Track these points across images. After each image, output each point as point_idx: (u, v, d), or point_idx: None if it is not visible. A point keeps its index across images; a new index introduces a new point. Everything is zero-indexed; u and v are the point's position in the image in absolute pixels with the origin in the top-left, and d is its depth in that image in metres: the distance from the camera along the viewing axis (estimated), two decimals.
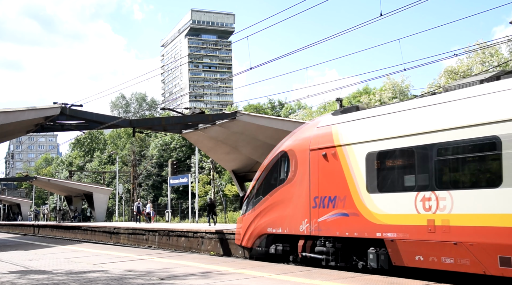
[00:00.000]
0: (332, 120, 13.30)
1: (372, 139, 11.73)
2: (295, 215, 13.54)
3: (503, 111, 9.36)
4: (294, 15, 16.98)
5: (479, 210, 9.47)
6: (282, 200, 14.11)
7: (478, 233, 9.41)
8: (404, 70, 38.40)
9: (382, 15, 15.30)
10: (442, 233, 10.04)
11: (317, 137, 13.34)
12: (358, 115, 12.59)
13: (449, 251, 9.90)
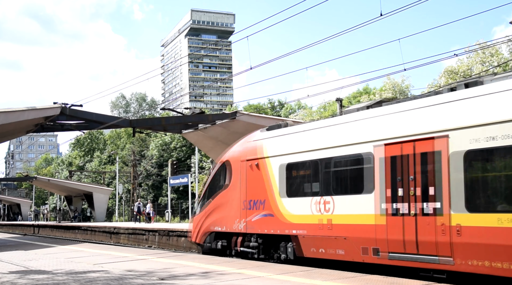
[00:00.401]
0: (260, 136, 15.75)
1: (283, 153, 14.32)
2: (231, 215, 15.90)
3: (373, 134, 11.79)
4: (294, 15, 17.00)
5: (350, 211, 12.12)
6: (222, 203, 16.43)
7: (350, 229, 12.05)
8: (404, 70, 38.41)
9: (382, 15, 15.31)
10: (327, 230, 12.68)
11: (248, 150, 15.74)
12: (278, 132, 15.08)
13: (332, 244, 12.52)
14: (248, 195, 15.34)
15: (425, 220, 10.39)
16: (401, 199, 10.94)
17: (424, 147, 10.60)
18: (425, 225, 10.35)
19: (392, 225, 11.02)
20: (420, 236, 10.44)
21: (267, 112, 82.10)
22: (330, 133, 13.08)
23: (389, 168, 11.28)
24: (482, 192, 9.77)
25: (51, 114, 24.57)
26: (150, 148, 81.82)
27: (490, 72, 42.37)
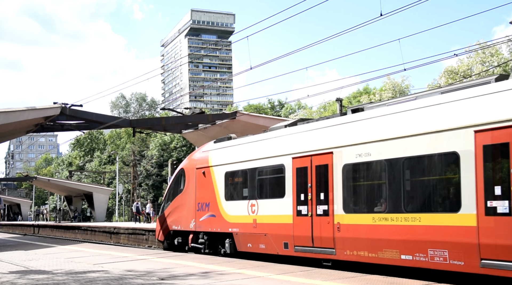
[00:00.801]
0: (209, 147, 18.34)
1: (224, 163, 16.85)
2: (186, 216, 18.32)
3: (285, 149, 14.52)
4: (294, 15, 17.00)
5: (272, 212, 14.70)
6: (179, 205, 18.86)
7: (268, 227, 14.69)
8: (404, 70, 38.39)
9: (382, 15, 15.30)
10: (253, 228, 15.19)
11: (199, 159, 18.29)
12: (221, 145, 17.63)
13: (257, 239, 15.08)
14: (198, 199, 17.81)
15: (320, 220, 13.11)
16: (303, 202, 13.66)
17: (318, 160, 13.34)
18: (320, 223, 13.08)
19: (297, 224, 13.73)
20: (315, 233, 13.19)
21: (267, 112, 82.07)
22: (256, 147, 15.84)
23: (295, 177, 13.98)
24: (353, 197, 12.52)
25: (51, 114, 24.58)
26: (150, 148, 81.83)
27: (490, 72, 42.41)
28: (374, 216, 11.68)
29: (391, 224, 11.28)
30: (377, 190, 12.00)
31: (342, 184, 12.53)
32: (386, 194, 11.59)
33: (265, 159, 15.18)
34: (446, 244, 10.17)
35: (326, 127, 13.47)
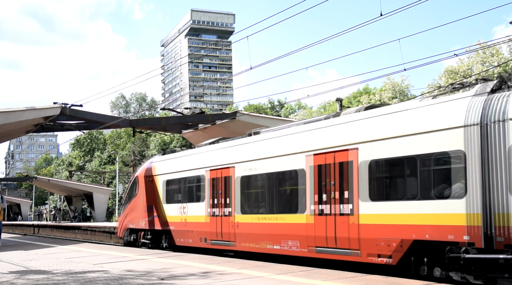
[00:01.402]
0: (156, 159, 22.38)
1: (165, 172, 20.40)
2: (138, 216, 21.95)
3: (204, 163, 18.04)
4: (294, 15, 16.99)
5: (195, 213, 18.03)
6: (134, 207, 22.51)
7: (194, 225, 18.14)
8: (404, 70, 38.40)
9: (382, 15, 15.28)
10: (186, 226, 18.60)
11: (148, 169, 21.85)
12: (164, 157, 21.71)
13: (187, 235, 18.52)
14: (147, 202, 21.36)
15: (225, 219, 16.48)
16: (215, 205, 17.04)
17: (224, 173, 16.97)
18: (225, 222, 16.46)
19: (212, 222, 17.18)
20: (223, 229, 16.58)
21: (267, 112, 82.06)
22: (186, 160, 19.42)
23: (211, 185, 17.42)
24: (246, 201, 15.89)
25: (51, 114, 24.57)
26: (150, 148, 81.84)
27: (490, 72, 42.41)
28: (259, 216, 15.41)
29: (267, 222, 15.06)
30: (260, 196, 15.53)
31: (240, 192, 16.12)
32: (265, 199, 15.30)
33: (191, 170, 18.69)
34: (296, 236, 13.90)
35: (229, 147, 17.33)
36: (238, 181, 16.09)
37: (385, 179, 11.91)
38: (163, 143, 79.30)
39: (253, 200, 15.82)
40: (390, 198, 11.62)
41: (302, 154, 13.84)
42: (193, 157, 19.03)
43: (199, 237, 17.84)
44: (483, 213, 9.68)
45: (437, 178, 10.64)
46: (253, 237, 15.36)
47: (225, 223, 16.55)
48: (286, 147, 14.54)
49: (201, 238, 17.72)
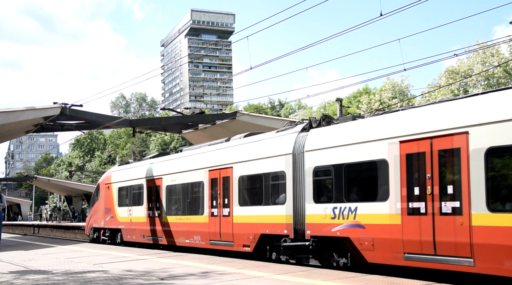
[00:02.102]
0: (113, 169, 26.40)
1: (118, 181, 24.26)
2: (100, 217, 25.66)
3: (142, 174, 22.12)
4: (294, 15, 17.00)
5: (138, 215, 21.89)
6: (97, 209, 26.21)
7: (137, 224, 21.91)
8: (404, 70, 38.46)
9: (382, 15, 15.28)
10: (132, 225, 22.39)
11: (107, 177, 25.74)
12: (119, 168, 25.66)
13: (134, 233, 22.24)
14: (106, 205, 25.03)
15: (157, 219, 20.62)
16: (153, 208, 21.04)
17: (156, 183, 20.92)
18: (157, 221, 20.57)
19: (150, 221, 21.09)
20: (156, 227, 20.66)
21: (267, 112, 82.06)
22: (131, 171, 23.56)
23: (146, 192, 21.64)
24: (170, 205, 20.00)
25: (51, 114, 24.57)
26: (150, 148, 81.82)
27: (490, 72, 42.41)
28: (177, 217, 19.53)
29: (181, 222, 19.09)
30: (179, 202, 19.59)
31: (166, 198, 20.29)
32: (181, 204, 19.47)
33: (135, 180, 22.74)
34: (199, 232, 17.78)
35: (159, 162, 21.52)
36: (165, 189, 20.31)
37: (247, 190, 16.02)
38: (164, 143, 79.26)
39: (174, 203, 19.88)
40: (249, 204, 15.77)
41: (202, 170, 18.03)
42: (136, 169, 23.29)
43: (141, 234, 21.91)
44: (294, 214, 13.90)
45: (273, 190, 14.77)
46: (174, 233, 19.54)
47: (157, 222, 20.66)
48: (194, 164, 18.76)
49: (143, 235, 21.80)
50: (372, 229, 11.67)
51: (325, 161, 13.11)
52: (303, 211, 13.63)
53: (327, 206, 12.97)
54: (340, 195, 12.68)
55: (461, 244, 9.79)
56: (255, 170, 15.49)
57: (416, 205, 10.72)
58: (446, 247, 10.04)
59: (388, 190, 11.34)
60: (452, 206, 10.17)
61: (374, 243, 11.59)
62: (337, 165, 12.73)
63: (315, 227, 13.24)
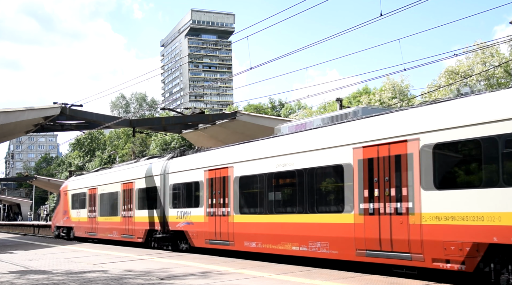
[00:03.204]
0: (71, 179, 33.05)
1: (72, 189, 29.89)
2: (60, 217, 31.77)
3: (95, 183, 27.08)
4: (294, 15, 16.99)
5: (82, 216, 27.63)
6: (58, 211, 32.58)
7: (82, 223, 27.60)
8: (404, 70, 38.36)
9: (382, 15, 15.27)
10: (79, 224, 28.08)
11: (65, 186, 32.19)
12: (74, 178, 32.53)
13: (80, 230, 27.69)
14: (63, 208, 31.29)
15: (93, 219, 26.07)
16: (92, 211, 26.39)
17: (98, 191, 26.07)
18: (93, 221, 26.00)
19: (90, 221, 26.64)
20: (92, 225, 26.23)
21: (267, 112, 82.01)
22: (79, 182, 29.78)
23: (88, 198, 27.14)
24: (103, 207, 25.53)
25: (51, 114, 24.55)
26: (151, 148, 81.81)
27: (491, 72, 42.38)
28: (105, 217, 25.15)
29: (106, 221, 25.09)
30: (106, 206, 25.34)
31: (99, 203, 26.07)
32: (106, 208, 25.20)
33: (81, 188, 28.59)
34: (116, 229, 24.02)
35: (96, 176, 27.97)
36: (98, 196, 26.27)
37: (142, 198, 21.86)
38: (164, 143, 79.27)
39: (103, 207, 25.58)
40: (143, 208, 21.57)
41: (119, 183, 24.05)
42: (83, 180, 29.57)
43: (84, 231, 27.58)
44: (163, 216, 19.96)
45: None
46: (103, 230, 25.26)
47: (93, 222, 26.51)
48: (114, 178, 24.85)
49: (85, 232, 27.37)
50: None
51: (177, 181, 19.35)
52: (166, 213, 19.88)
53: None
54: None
55: (230, 234, 15.11)
56: (146, 185, 21.68)
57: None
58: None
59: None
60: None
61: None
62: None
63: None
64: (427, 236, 10.15)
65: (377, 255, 11.08)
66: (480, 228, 9.29)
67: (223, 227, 16.22)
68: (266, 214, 14.60)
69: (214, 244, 16.69)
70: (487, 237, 9.20)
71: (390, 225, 10.85)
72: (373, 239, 11.16)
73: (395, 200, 10.80)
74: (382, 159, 11.19)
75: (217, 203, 16.63)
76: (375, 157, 11.32)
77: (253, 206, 15.25)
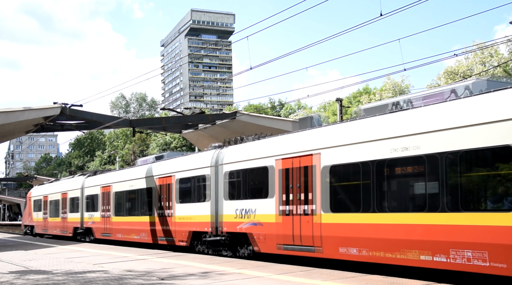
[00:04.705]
0: (34, 188, 40.31)
1: (35, 195, 37.30)
2: (27, 218, 39.19)
3: (61, 189, 32.55)
4: (294, 15, 17.01)
5: (39, 217, 35.86)
6: (26, 213, 39.66)
7: (39, 223, 35.92)
8: (404, 70, 38.42)
9: (382, 15, 15.28)
10: (37, 223, 36.36)
11: (30, 193, 39.43)
12: (37, 187, 39.68)
13: (38, 228, 36.46)
14: (29, 210, 38.24)
15: (46, 220, 34.09)
16: (44, 213, 34.44)
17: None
18: (45, 221, 34.27)
19: (44, 221, 34.55)
20: (45, 223, 34.28)
21: (267, 112, 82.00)
22: (39, 190, 36.88)
23: (42, 203, 35.04)
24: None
25: (51, 114, 24.55)
26: (151, 148, 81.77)
27: (490, 72, 42.36)
28: (53, 218, 32.41)
29: (53, 221, 32.28)
30: (54, 209, 32.32)
31: (49, 208, 33.24)
32: (53, 211, 32.63)
33: (39, 196, 35.71)
34: (58, 226, 31.93)
35: (49, 186, 35.06)
36: (48, 202, 33.32)
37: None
38: (165, 143, 79.24)
39: (51, 210, 33.07)
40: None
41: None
42: (41, 189, 36.81)
43: (41, 229, 35.12)
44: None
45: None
46: (52, 227, 32.44)
47: (45, 221, 33.93)
48: (57, 189, 32.20)
49: (41, 229, 34.97)
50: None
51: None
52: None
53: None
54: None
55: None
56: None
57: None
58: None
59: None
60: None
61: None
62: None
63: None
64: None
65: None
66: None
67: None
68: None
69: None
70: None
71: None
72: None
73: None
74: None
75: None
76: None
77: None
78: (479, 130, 9.54)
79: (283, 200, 13.96)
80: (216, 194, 16.89)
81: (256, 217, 14.85)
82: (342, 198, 12.48)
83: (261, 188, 14.81)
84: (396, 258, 10.68)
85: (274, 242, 14.08)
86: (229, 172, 16.32)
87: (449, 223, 9.76)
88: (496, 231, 9.06)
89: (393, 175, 11.19)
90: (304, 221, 13.11)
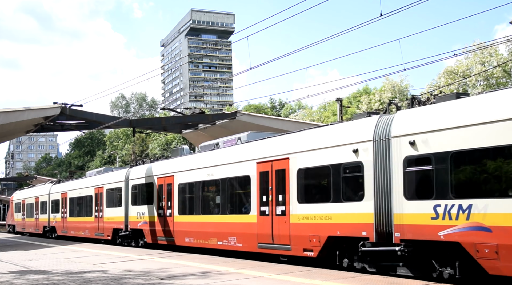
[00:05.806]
0: (16, 192, 47.83)
1: (16, 199, 43.95)
2: (10, 218, 46.68)
3: (19, 195, 44.18)
4: (294, 15, 17.01)
5: (19, 217, 42.25)
6: (9, 214, 47.76)
7: (19, 222, 42.42)
8: (404, 70, 38.47)
9: (382, 15, 15.28)
10: (17, 222, 42.73)
11: (13, 196, 47.61)
12: (19, 191, 46.96)
13: (19, 226, 42.42)
14: (11, 211, 45.50)
15: (24, 219, 40.09)
16: (23, 214, 40.54)
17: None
18: (24, 221, 40.16)
19: (22, 221, 40.75)
20: (24, 223, 40.06)
21: (267, 112, 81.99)
22: (19, 195, 43.54)
23: (21, 206, 41.39)
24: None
25: (51, 114, 24.54)
26: (151, 148, 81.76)
27: (490, 72, 42.37)
28: (29, 219, 38.24)
29: (29, 221, 38.86)
30: (33, 211, 37.43)
31: (26, 209, 39.28)
32: (32, 212, 37.68)
33: (19, 199, 41.64)
34: (36, 226, 37.52)
35: (28, 191, 42.76)
36: (26, 205, 37.60)
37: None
38: (165, 143, 79.26)
39: (29, 212, 37.95)
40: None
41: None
42: (21, 194, 42.38)
43: (20, 227, 40.37)
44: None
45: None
46: (29, 226, 36.20)
47: (24, 221, 39.09)
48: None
49: (20, 228, 39.96)
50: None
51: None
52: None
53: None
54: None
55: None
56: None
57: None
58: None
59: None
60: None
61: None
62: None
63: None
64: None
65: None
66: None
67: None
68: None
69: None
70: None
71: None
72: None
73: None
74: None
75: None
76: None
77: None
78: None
79: (158, 206, 20.11)
80: (126, 201, 22.67)
81: (144, 218, 20.97)
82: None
83: (151, 197, 20.52)
84: (207, 243, 16.50)
85: (153, 237, 20.30)
86: (133, 185, 22.32)
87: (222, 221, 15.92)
88: (240, 225, 15.14)
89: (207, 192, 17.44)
90: (169, 220, 19.22)
